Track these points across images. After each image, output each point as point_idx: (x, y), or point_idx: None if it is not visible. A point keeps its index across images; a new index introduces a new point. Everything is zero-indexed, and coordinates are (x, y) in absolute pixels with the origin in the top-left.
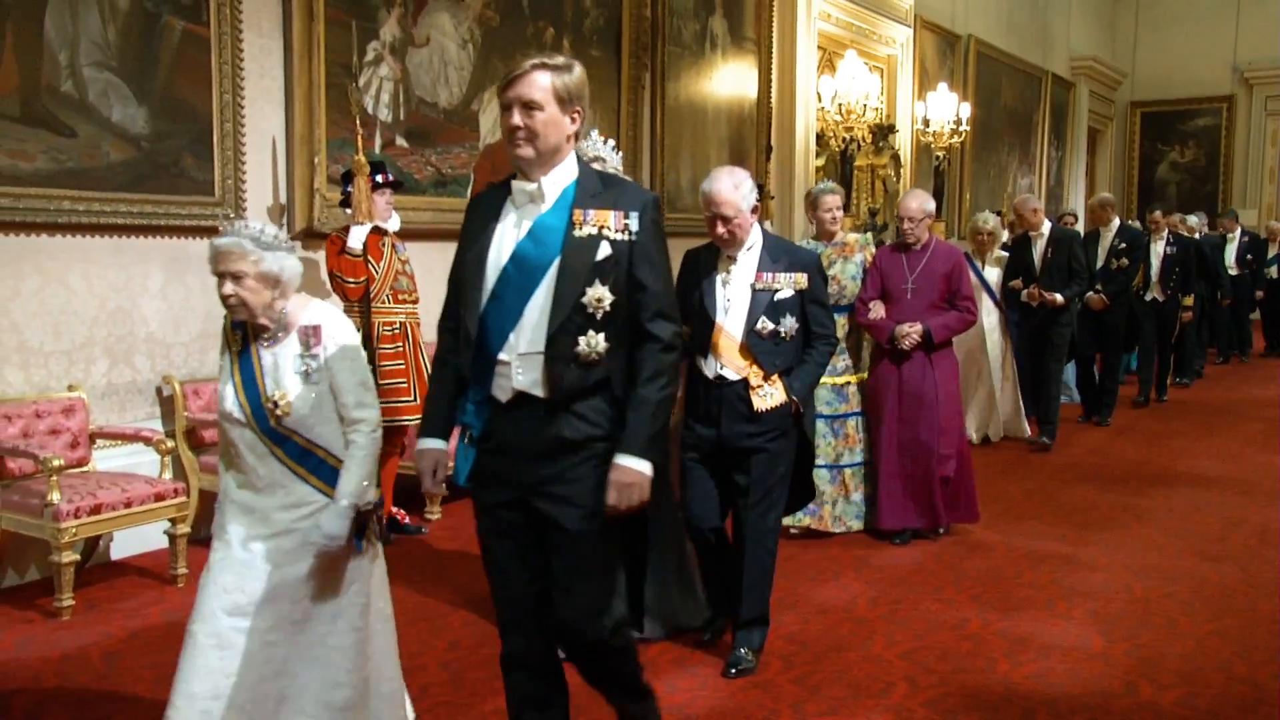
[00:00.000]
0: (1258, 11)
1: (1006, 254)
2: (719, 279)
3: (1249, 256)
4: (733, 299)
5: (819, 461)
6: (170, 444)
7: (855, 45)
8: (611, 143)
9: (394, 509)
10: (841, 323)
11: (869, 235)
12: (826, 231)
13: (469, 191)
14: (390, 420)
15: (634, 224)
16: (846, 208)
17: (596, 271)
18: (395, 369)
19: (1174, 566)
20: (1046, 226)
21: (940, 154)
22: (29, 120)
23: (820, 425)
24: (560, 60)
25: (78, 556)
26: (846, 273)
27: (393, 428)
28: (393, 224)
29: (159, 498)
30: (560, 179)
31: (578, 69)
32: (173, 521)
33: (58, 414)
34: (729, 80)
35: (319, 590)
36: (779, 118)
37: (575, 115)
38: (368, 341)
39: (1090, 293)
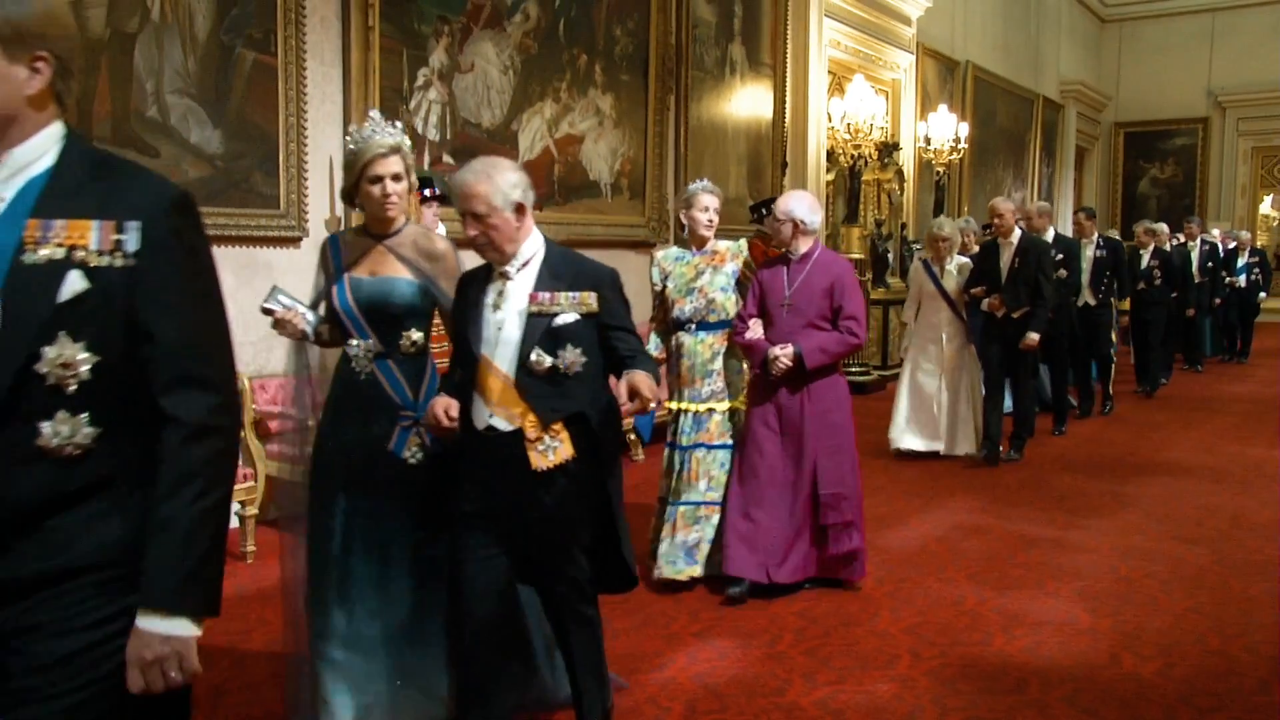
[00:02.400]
0: (1230, 41)
1: (965, 259)
2: (489, 302)
3: (1209, 264)
4: (503, 326)
5: (671, 498)
6: (240, 434)
7: (862, 70)
8: (399, 125)
9: None
10: (709, 342)
11: (741, 243)
12: (699, 236)
13: None
14: None
15: (131, 240)
16: (853, 218)
17: (61, 319)
18: (441, 367)
19: (1154, 549)
20: (1016, 234)
21: (941, 170)
22: (119, 141)
23: (677, 457)
24: None
25: None
26: (715, 284)
27: None
28: (439, 234)
29: None
30: (18, 169)
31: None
32: (242, 504)
33: None
34: (747, 102)
35: None
36: (793, 136)
37: (38, 65)
38: None
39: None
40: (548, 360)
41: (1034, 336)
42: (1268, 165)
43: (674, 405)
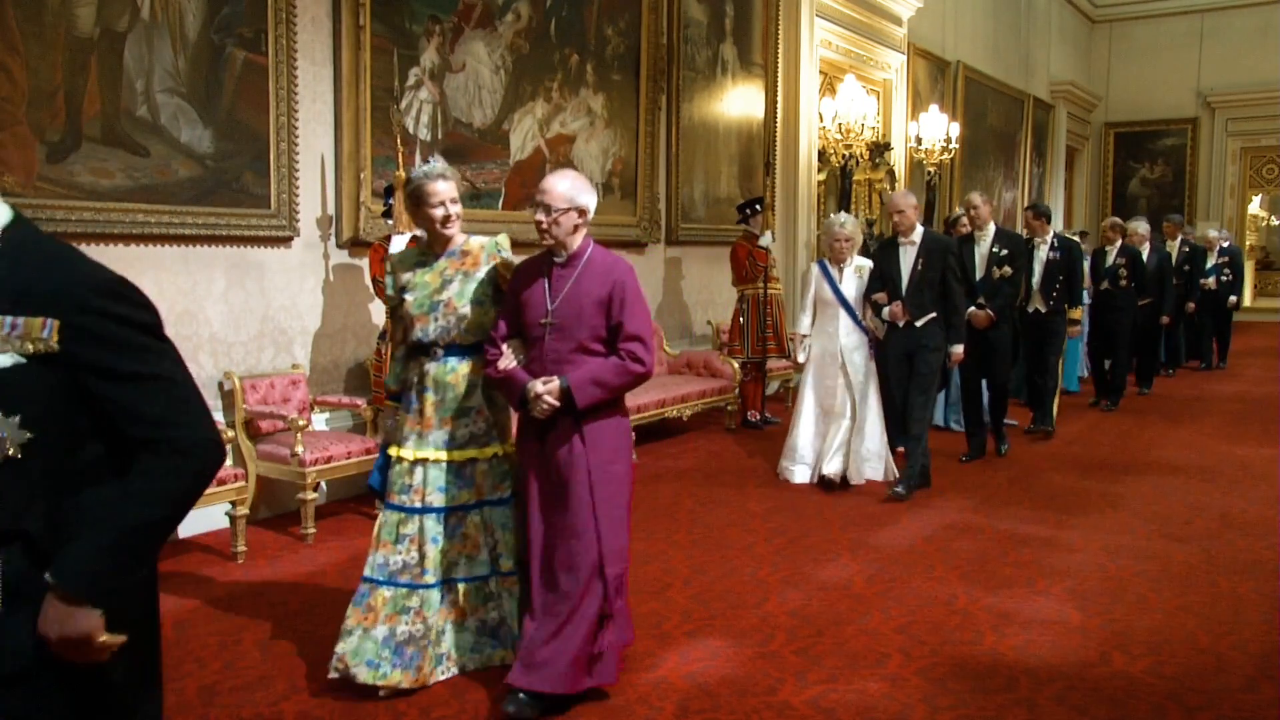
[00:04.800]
0: (1218, 42)
1: (868, 261)
2: None
3: (1186, 267)
4: None
5: (432, 577)
6: (231, 434)
7: (854, 70)
8: None
9: None
10: (463, 371)
11: (500, 239)
12: (440, 236)
13: (499, 205)
14: None
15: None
16: None
17: None
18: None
19: (1144, 547)
20: (919, 233)
21: (932, 169)
22: (109, 141)
23: (430, 523)
24: None
25: None
26: (466, 295)
27: None
28: None
29: (222, 482)
30: None
31: None
32: (234, 504)
33: None
34: (738, 102)
35: None
36: (784, 136)
37: None
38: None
39: (972, 307)
40: None
41: (959, 349)
42: (1256, 165)
43: (410, 454)
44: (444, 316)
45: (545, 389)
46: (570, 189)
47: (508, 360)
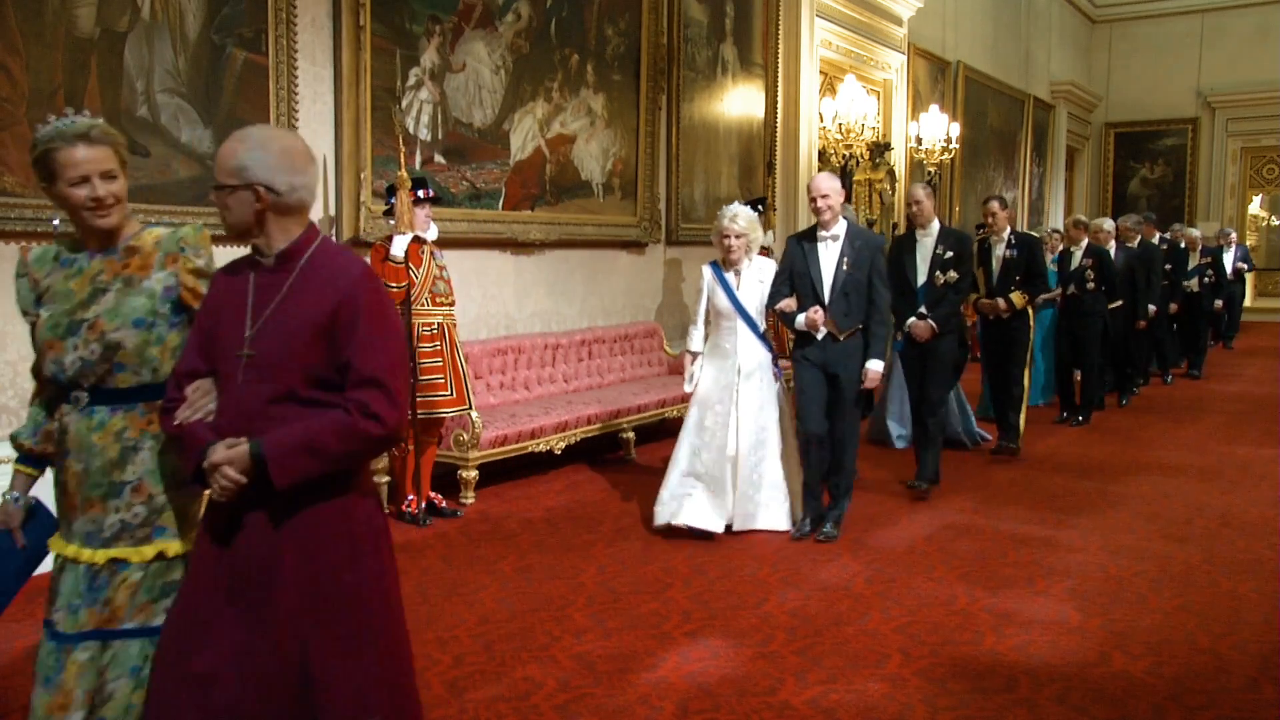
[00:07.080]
0: (1219, 42)
1: (770, 261)
2: None
3: (1168, 266)
4: None
5: None
6: None
7: (854, 70)
8: None
9: (432, 493)
10: (116, 427)
11: (188, 232)
12: (92, 228)
13: (499, 205)
14: (428, 413)
15: None
16: None
17: None
18: (434, 365)
19: (1144, 548)
20: (842, 226)
21: (932, 169)
22: None
23: (134, 649)
24: None
25: None
26: (125, 313)
27: (431, 419)
28: (431, 234)
29: None
30: None
31: None
32: None
33: None
34: (738, 102)
35: None
36: (784, 136)
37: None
38: (408, 341)
39: (913, 317)
40: None
41: (876, 367)
42: (1256, 165)
43: (62, 550)
44: (86, 344)
45: (225, 455)
46: (247, 160)
47: (190, 410)
